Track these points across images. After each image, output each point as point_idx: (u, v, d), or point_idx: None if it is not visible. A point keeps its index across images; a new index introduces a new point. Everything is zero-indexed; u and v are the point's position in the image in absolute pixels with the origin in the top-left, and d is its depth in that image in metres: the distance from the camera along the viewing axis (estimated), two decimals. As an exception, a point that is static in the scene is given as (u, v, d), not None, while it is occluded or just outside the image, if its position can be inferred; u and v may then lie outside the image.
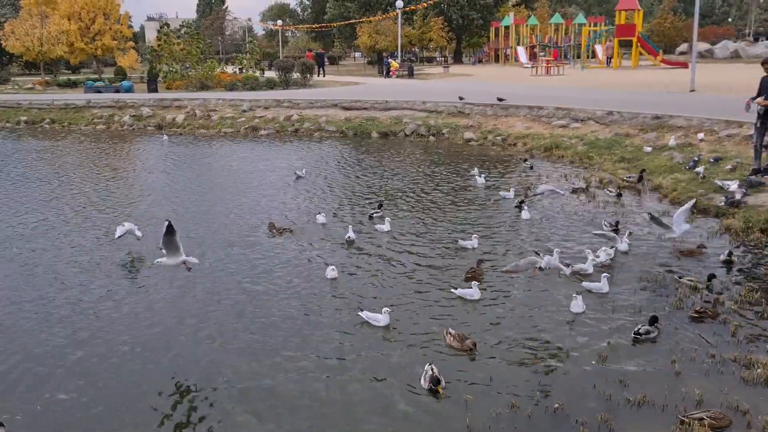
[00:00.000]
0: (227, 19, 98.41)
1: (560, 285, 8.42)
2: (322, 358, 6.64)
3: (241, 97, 28.91)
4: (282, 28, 74.83)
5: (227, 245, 10.45)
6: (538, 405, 5.68)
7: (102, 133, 26.20)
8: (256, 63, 42.57)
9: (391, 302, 7.89)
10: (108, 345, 7.02)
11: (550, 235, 10.62)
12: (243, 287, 8.63)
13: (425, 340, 6.98)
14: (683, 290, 8.04)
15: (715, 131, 16.03)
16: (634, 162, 15.24)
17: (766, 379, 5.95)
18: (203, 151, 21.21)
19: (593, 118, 19.59)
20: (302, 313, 7.76)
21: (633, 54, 48.58)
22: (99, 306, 8.08)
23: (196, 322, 7.58)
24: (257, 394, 6.03)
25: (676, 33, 65.13)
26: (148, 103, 29.01)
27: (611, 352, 6.57)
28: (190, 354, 6.83)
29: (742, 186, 11.53)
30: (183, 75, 37.96)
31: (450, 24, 62.27)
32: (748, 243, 9.87)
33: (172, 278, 8.95)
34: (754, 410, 5.47)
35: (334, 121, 24.39)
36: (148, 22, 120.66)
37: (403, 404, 5.81)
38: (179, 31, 41.91)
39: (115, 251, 10.23)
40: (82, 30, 47.56)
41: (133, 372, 6.48)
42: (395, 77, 45.12)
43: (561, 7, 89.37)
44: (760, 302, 7.66)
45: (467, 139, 21.13)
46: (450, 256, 9.69)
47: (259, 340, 7.08)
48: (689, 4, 60.36)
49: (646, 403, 5.65)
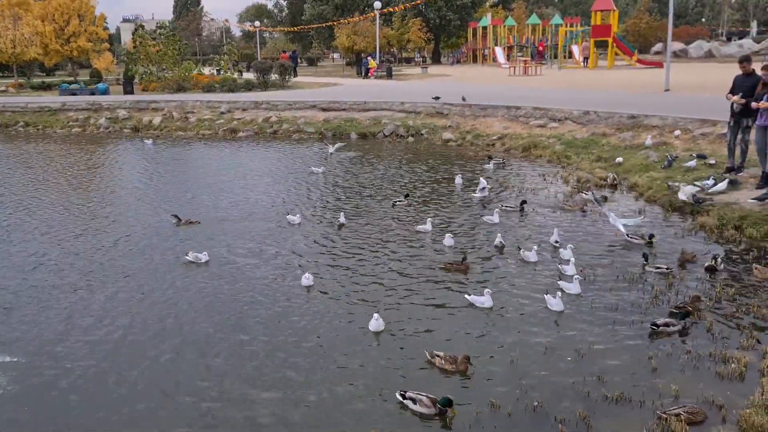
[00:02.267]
0: (204, 20, 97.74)
1: (538, 282, 8.49)
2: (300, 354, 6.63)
3: (219, 99, 28.74)
4: (259, 30, 74.50)
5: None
6: (518, 403, 5.71)
7: (78, 136, 25.87)
8: (233, 64, 42.31)
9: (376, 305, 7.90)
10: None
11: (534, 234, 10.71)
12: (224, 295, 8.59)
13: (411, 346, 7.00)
14: (659, 287, 8.14)
15: (690, 130, 16.25)
16: (610, 161, 15.39)
17: (741, 374, 6.05)
18: (191, 155, 21.02)
19: (570, 117, 19.76)
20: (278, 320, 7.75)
21: (609, 54, 49.08)
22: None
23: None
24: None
25: (651, 33, 65.88)
26: (124, 105, 28.72)
27: (589, 349, 6.63)
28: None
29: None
30: (159, 77, 37.62)
31: (428, 24, 62.44)
32: (723, 240, 10.02)
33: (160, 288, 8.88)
34: (729, 405, 5.56)
35: (313, 123, 24.33)
36: (124, 24, 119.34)
37: (383, 404, 5.82)
38: (155, 32, 41.53)
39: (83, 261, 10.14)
40: (57, 31, 46.94)
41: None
42: (374, 78, 45.11)
43: (538, 8, 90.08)
44: (735, 298, 7.79)
45: (446, 140, 21.20)
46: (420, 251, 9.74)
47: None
48: (664, 4, 61.11)
49: (624, 400, 5.72)
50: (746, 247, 9.65)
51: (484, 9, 69.38)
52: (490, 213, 11.51)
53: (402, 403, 5.71)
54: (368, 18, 55.14)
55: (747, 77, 12.06)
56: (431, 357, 6.39)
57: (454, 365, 6.27)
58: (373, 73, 46.15)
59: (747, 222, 10.23)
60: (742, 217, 10.39)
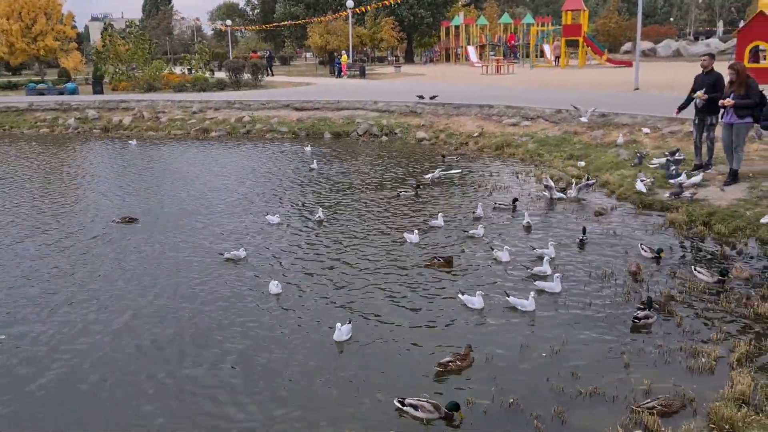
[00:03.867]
0: (175, 18, 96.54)
1: (511, 282, 8.56)
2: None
3: (190, 99, 28.43)
4: (231, 29, 73.86)
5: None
6: (494, 401, 5.75)
7: (46, 137, 25.41)
8: (205, 64, 41.89)
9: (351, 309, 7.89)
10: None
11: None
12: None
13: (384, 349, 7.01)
14: (631, 283, 8.26)
15: (659, 128, 16.50)
16: (582, 159, 15.56)
17: (711, 367, 6.16)
18: (165, 155, 20.76)
19: (543, 116, 19.94)
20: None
21: (580, 53, 49.63)
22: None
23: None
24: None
25: (620, 33, 66.71)
26: (94, 105, 28.26)
27: (563, 346, 6.70)
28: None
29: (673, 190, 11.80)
30: (129, 76, 37.11)
31: (401, 23, 62.50)
32: (692, 236, 10.20)
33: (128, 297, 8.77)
34: (699, 398, 5.66)
35: (286, 122, 24.22)
36: (93, 23, 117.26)
37: (360, 401, 5.82)
38: (125, 31, 40.94)
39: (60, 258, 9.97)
40: (23, 30, 45.99)
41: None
42: (347, 77, 45.01)
43: (509, 8, 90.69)
44: (704, 292, 7.93)
45: (419, 139, 21.25)
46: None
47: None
48: (633, 4, 61.96)
49: (597, 395, 5.79)
50: (715, 242, 9.85)
51: (456, 8, 69.62)
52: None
53: (401, 410, 5.59)
54: (341, 17, 55.02)
55: (707, 75, 12.29)
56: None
57: (464, 361, 6.32)
58: (346, 72, 46.00)
59: (715, 218, 10.43)
60: (710, 214, 10.59)
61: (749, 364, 6.14)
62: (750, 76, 11.26)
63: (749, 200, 10.80)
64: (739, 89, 11.12)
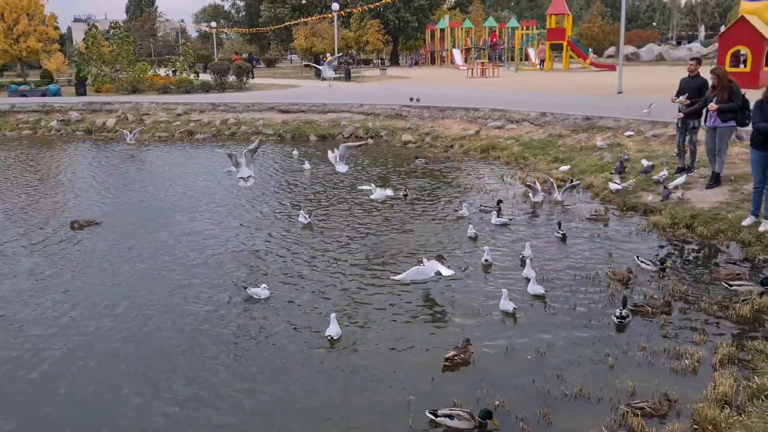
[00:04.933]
0: (159, 20, 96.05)
1: (493, 285, 8.59)
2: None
3: (175, 101, 28.28)
4: (216, 31, 73.61)
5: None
6: (480, 403, 5.76)
7: (28, 139, 25.15)
8: (190, 66, 41.70)
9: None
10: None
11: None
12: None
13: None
14: (615, 285, 8.32)
15: (642, 131, 16.65)
16: (567, 162, 15.66)
17: (694, 369, 6.22)
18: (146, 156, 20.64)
19: (528, 119, 20.05)
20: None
21: (564, 57, 50.01)
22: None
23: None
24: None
25: (603, 37, 67.33)
26: (77, 107, 28.01)
27: (548, 348, 6.74)
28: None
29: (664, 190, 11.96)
30: (113, 78, 36.84)
31: (386, 26, 62.63)
32: (675, 238, 10.30)
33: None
34: (683, 399, 5.71)
35: (272, 124, 24.17)
36: (76, 24, 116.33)
37: (344, 404, 5.82)
38: (108, 32, 40.65)
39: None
40: (5, 31, 45.58)
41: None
42: (333, 79, 44.84)
43: (494, 11, 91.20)
44: (687, 294, 8.01)
45: (405, 141, 21.29)
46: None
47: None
48: (616, 9, 62.57)
49: (583, 397, 5.82)
50: (698, 245, 9.95)
51: (441, 11, 69.94)
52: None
53: (434, 422, 5.45)
54: (326, 19, 55.02)
55: (692, 79, 12.45)
56: (449, 360, 6.35)
57: (465, 353, 6.43)
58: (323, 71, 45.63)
59: (698, 221, 10.54)
60: (693, 216, 10.71)
61: (731, 366, 6.20)
62: (732, 80, 11.40)
63: (731, 203, 10.92)
64: (722, 93, 11.25)
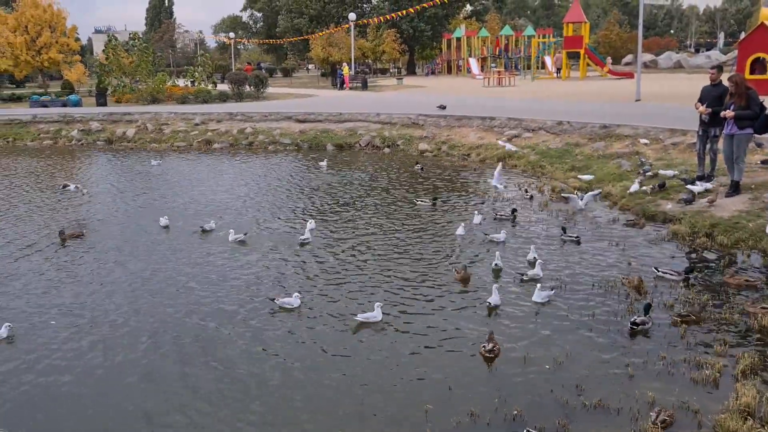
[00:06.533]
0: (178, 31, 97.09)
1: (511, 291, 8.55)
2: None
3: (193, 111, 28.56)
4: (234, 41, 74.27)
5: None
6: (497, 412, 5.73)
7: (49, 149, 25.49)
8: (208, 76, 42.12)
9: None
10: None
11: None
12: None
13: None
14: (633, 293, 8.25)
15: (661, 139, 16.52)
16: (584, 171, 15.58)
17: (715, 379, 6.14)
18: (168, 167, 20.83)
19: (544, 128, 19.98)
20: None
21: (581, 65, 49.83)
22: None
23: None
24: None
25: (621, 44, 67.02)
26: (97, 117, 28.37)
27: (567, 358, 6.68)
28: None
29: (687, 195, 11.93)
30: (133, 88, 37.29)
31: (402, 36, 62.83)
32: (695, 247, 10.19)
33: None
34: (704, 410, 5.64)
35: (289, 134, 24.30)
36: (96, 35, 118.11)
37: (358, 415, 5.81)
38: (128, 43, 41.19)
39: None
40: (28, 43, 46.35)
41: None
42: (349, 89, 45.15)
43: (511, 20, 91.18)
44: (707, 304, 7.91)
45: (422, 150, 21.30)
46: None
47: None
48: (634, 16, 62.24)
49: (602, 407, 5.77)
50: (718, 254, 9.83)
51: (458, 20, 70.06)
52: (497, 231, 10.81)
53: None
54: (343, 29, 55.35)
55: (714, 87, 12.33)
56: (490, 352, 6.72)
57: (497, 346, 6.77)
58: (348, 84, 46.10)
59: (718, 230, 10.42)
60: (713, 225, 10.59)
61: (754, 377, 6.11)
62: (750, 87, 11.30)
63: (751, 211, 10.79)
64: (740, 100, 11.16)
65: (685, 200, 11.81)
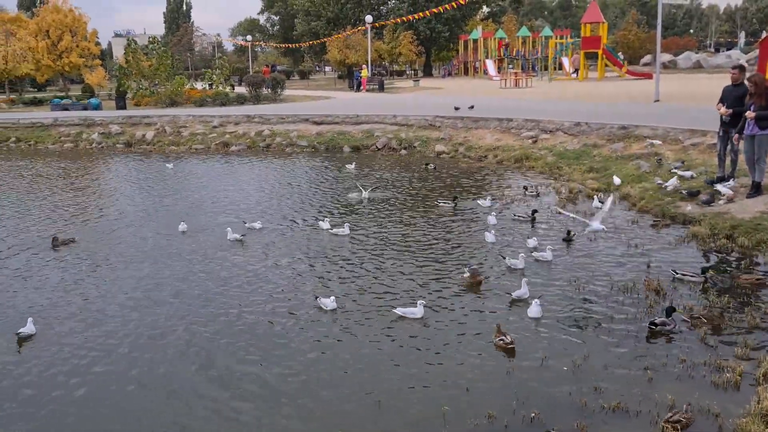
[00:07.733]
0: (196, 35, 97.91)
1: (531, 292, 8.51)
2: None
3: (211, 113, 28.80)
4: (251, 44, 74.73)
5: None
6: (515, 414, 5.72)
7: (70, 152, 25.84)
8: (225, 79, 42.45)
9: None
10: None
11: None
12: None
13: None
14: (653, 296, 8.18)
15: (680, 140, 16.37)
16: (602, 172, 15.49)
17: (736, 383, 6.07)
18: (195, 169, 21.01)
19: (562, 129, 19.88)
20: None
21: (599, 66, 49.52)
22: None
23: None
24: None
25: (639, 45, 66.55)
26: (117, 120, 28.70)
27: (585, 360, 6.65)
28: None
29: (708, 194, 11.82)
30: (152, 91, 37.67)
31: (419, 37, 62.86)
32: (715, 249, 10.09)
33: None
34: (724, 413, 5.57)
35: (306, 136, 24.41)
36: (116, 39, 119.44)
37: (375, 415, 5.82)
38: (147, 47, 41.65)
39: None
40: (49, 47, 47.01)
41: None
42: (366, 91, 45.25)
43: (528, 21, 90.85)
44: (728, 307, 7.83)
45: (438, 152, 21.29)
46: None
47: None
48: (652, 16, 61.74)
49: (621, 410, 5.73)
50: (738, 256, 9.72)
51: (474, 22, 69.95)
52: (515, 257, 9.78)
53: None
54: (359, 31, 55.50)
55: (735, 87, 12.18)
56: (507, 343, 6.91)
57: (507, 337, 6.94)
58: (365, 86, 46.23)
59: (739, 231, 10.31)
60: (733, 227, 10.48)
61: (776, 380, 6.04)
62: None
63: (773, 213, 10.66)
64: (760, 100, 11.03)
65: (705, 201, 11.71)
